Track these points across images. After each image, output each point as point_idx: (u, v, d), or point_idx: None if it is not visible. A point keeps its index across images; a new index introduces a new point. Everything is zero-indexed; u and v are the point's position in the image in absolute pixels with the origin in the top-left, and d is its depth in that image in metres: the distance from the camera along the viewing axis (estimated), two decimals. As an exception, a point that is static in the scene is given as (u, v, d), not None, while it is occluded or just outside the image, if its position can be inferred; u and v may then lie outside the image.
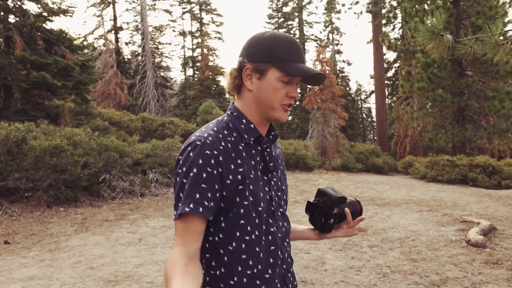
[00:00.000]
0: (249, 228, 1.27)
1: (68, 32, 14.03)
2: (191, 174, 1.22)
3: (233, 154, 1.28)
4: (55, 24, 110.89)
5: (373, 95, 32.07)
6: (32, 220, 7.18)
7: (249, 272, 1.27)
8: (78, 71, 13.26)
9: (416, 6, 17.86)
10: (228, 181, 1.24)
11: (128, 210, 8.04)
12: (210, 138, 1.26)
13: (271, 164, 1.40)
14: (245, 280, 1.27)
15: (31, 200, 7.90)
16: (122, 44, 33.57)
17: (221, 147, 1.26)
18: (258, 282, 1.29)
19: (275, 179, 1.40)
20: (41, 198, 7.92)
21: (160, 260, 5.15)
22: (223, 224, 1.26)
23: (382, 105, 28.03)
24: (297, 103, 35.35)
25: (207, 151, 1.23)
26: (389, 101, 33.58)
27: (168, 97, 32.36)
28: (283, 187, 1.45)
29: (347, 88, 36.77)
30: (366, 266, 4.84)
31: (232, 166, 1.26)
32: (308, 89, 25.09)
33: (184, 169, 1.24)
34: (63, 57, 13.01)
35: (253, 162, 1.33)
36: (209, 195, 1.21)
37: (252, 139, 1.33)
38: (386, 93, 31.77)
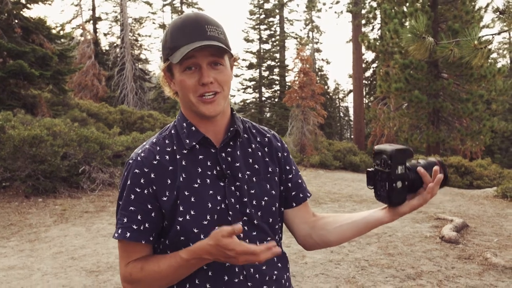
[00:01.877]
0: (191, 244, 1.12)
1: (47, 20, 13.79)
2: (122, 196, 1.17)
3: (170, 167, 1.16)
4: (33, 12, 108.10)
5: (351, 94, 32.58)
6: (10, 210, 7.08)
7: None
8: (56, 60, 13.03)
9: (396, 8, 18.18)
10: (165, 198, 1.15)
11: (108, 202, 8.00)
12: (142, 155, 1.17)
13: (237, 165, 1.21)
14: None
15: (8, 190, 7.78)
16: (100, 35, 33.11)
17: (155, 162, 1.16)
18: None
19: (238, 183, 1.20)
20: (19, 188, 7.81)
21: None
22: (167, 241, 1.18)
23: (359, 104, 28.46)
24: (276, 100, 35.57)
25: (136, 170, 1.15)
26: (367, 101, 34.13)
27: (147, 90, 32.05)
28: (253, 191, 1.22)
29: (326, 87, 37.17)
30: (345, 260, 4.98)
31: (169, 181, 1.15)
32: (288, 86, 25.26)
33: (120, 190, 1.20)
34: (41, 46, 12.78)
35: (199, 169, 1.18)
36: (139, 217, 1.14)
37: (194, 143, 1.19)
38: (364, 92, 32.25)
